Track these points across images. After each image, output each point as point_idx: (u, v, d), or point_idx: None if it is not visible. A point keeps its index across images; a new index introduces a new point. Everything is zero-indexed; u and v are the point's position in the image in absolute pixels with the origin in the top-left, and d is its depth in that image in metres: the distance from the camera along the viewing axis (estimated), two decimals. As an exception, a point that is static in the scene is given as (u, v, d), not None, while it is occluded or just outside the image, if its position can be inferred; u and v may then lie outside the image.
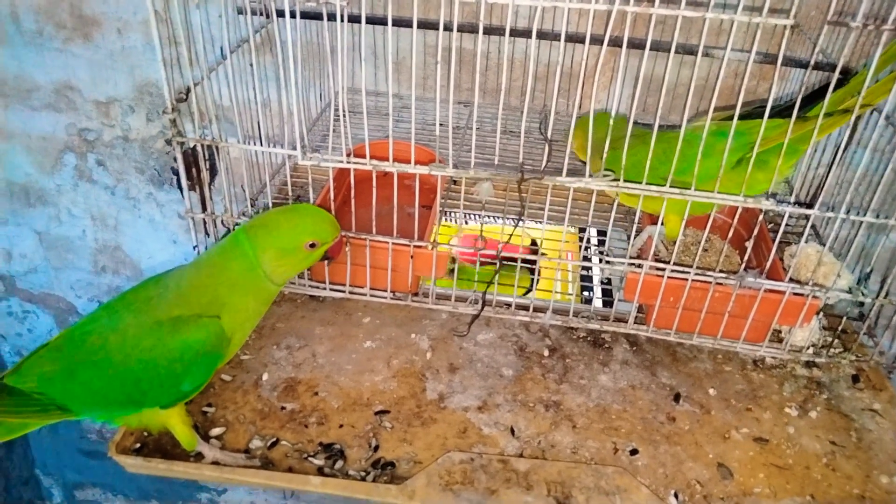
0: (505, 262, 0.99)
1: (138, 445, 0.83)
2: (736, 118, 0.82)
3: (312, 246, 0.82)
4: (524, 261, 0.99)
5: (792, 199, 1.18)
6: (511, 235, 0.95)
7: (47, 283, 1.92)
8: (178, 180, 1.64)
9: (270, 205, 0.98)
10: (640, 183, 0.86)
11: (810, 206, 0.88)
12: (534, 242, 1.22)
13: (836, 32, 1.11)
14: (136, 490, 2.28)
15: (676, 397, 0.93)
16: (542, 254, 1.00)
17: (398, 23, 1.13)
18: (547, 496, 0.78)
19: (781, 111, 0.94)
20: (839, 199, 0.88)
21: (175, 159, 0.95)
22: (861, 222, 0.88)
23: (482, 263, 1.10)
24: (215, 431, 0.85)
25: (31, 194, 1.74)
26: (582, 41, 0.79)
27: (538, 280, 1.06)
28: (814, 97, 0.89)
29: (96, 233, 1.79)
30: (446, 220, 1.18)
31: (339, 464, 0.82)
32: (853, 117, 0.82)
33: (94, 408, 0.77)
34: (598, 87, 1.36)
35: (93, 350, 0.74)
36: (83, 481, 2.31)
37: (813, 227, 1.15)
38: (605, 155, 0.87)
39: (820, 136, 0.91)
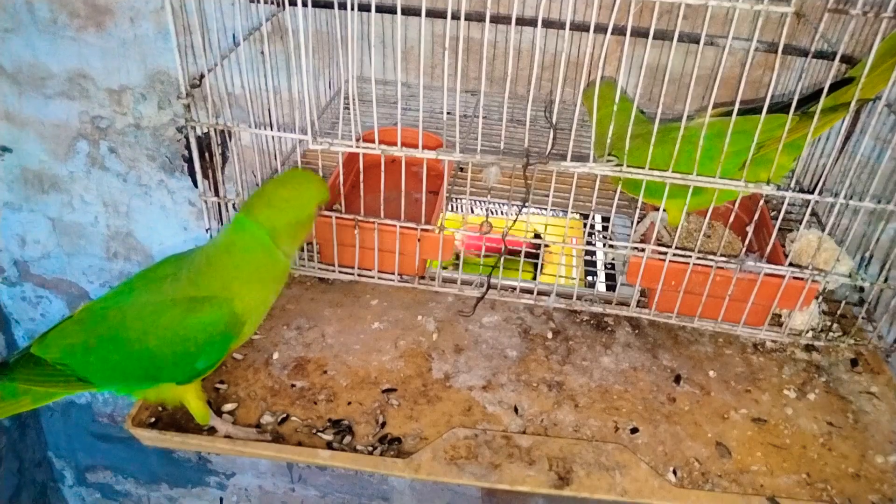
0: (509, 254, 1.01)
1: (153, 419, 0.86)
2: (735, 113, 0.83)
3: (320, 208, 0.86)
4: (528, 252, 1.00)
5: (793, 185, 1.19)
6: (514, 222, 0.97)
7: (60, 269, 1.95)
8: (189, 167, 1.67)
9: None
10: (644, 168, 0.88)
11: (811, 192, 0.90)
12: (537, 235, 1.24)
13: (839, 21, 1.12)
14: (146, 473, 2.31)
15: (677, 379, 0.95)
16: (546, 245, 1.01)
17: (407, 11, 1.15)
18: (548, 471, 0.81)
19: (784, 107, 0.95)
20: (841, 186, 0.89)
21: (188, 145, 0.97)
22: (861, 208, 0.90)
23: (487, 250, 1.12)
24: (228, 407, 0.87)
25: (44, 181, 1.76)
26: (588, 30, 0.81)
27: (541, 269, 1.08)
28: (820, 92, 0.90)
29: (108, 219, 1.82)
30: (452, 206, 1.19)
31: (348, 439, 0.84)
32: (851, 110, 0.83)
33: (113, 381, 0.79)
34: (604, 75, 1.37)
35: (112, 325, 0.77)
36: (95, 464, 2.35)
37: (815, 213, 1.17)
38: (608, 141, 0.89)
39: (817, 133, 0.93)
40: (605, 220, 1.23)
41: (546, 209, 1.13)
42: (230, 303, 0.78)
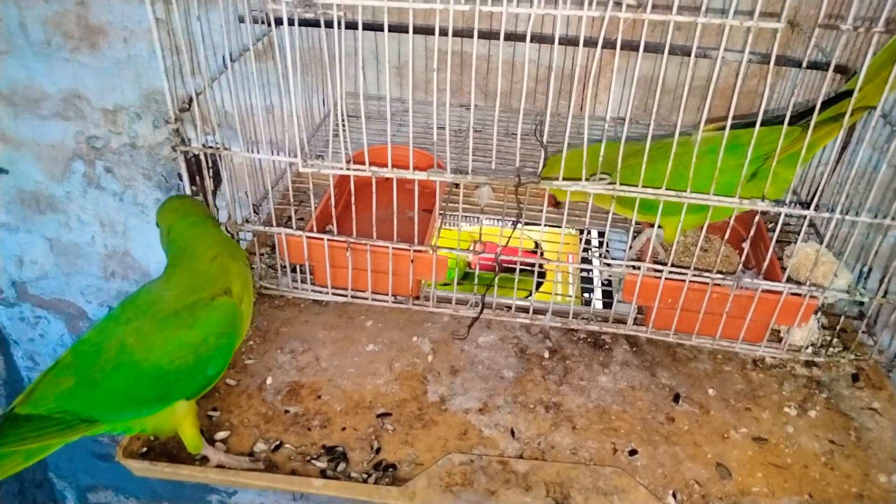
0: (505, 268, 1.00)
1: (145, 449, 0.84)
2: (728, 127, 0.82)
3: None
4: (526, 264, 0.99)
5: (788, 199, 1.18)
6: (509, 239, 0.96)
7: (58, 289, 1.95)
8: (184, 187, 1.67)
9: (272, 211, 1.00)
10: (637, 186, 0.87)
11: (808, 205, 0.88)
12: (536, 245, 1.23)
13: (833, 31, 1.11)
14: (147, 492, 2.31)
15: (676, 398, 0.93)
16: (543, 259, 1.00)
17: (397, 28, 1.14)
18: (546, 497, 0.79)
19: (781, 121, 0.94)
20: (839, 198, 0.88)
21: (180, 167, 0.97)
22: (859, 221, 0.88)
23: (482, 268, 1.11)
24: (220, 435, 0.86)
25: (41, 201, 1.76)
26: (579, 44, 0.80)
27: (540, 283, 1.07)
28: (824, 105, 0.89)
29: (105, 239, 1.81)
30: (447, 223, 1.18)
31: (342, 466, 0.83)
32: (846, 121, 0.82)
33: (123, 412, 0.78)
34: (599, 88, 1.36)
35: (112, 357, 0.76)
36: (96, 484, 2.34)
37: (814, 226, 1.16)
38: (619, 168, 0.88)
39: (823, 143, 0.92)
40: (602, 234, 1.22)
41: (540, 225, 1.11)
42: (229, 298, 0.81)
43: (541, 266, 1.00)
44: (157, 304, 0.79)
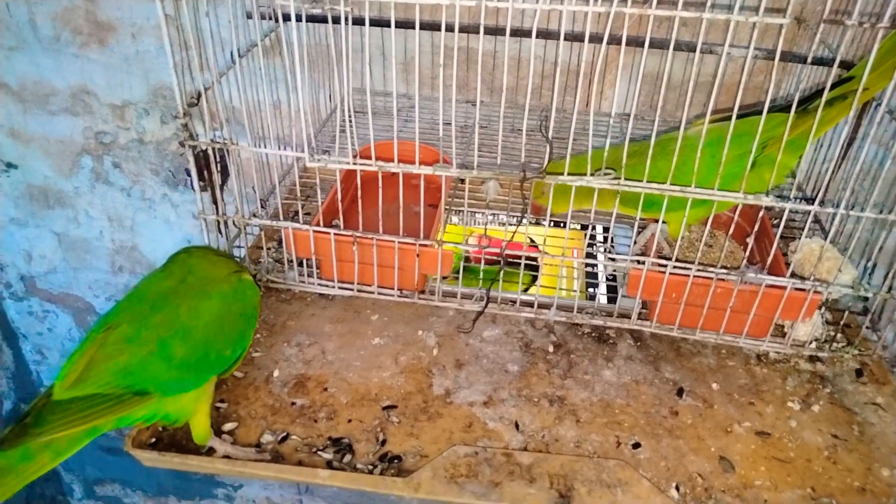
0: (509, 262, 1.00)
1: (153, 440, 0.86)
2: (734, 119, 0.83)
3: None
4: (527, 259, 1.00)
5: (793, 195, 1.18)
6: (514, 233, 0.96)
7: (66, 284, 1.96)
8: (192, 181, 1.68)
9: (280, 205, 1.01)
10: (641, 181, 0.87)
11: (813, 201, 0.89)
12: (532, 242, 1.23)
13: (839, 27, 1.11)
14: (154, 486, 2.32)
15: (679, 392, 0.94)
16: (545, 252, 1.01)
17: (404, 24, 1.14)
18: (549, 489, 0.80)
19: (783, 109, 0.94)
20: (844, 193, 0.88)
21: (188, 162, 0.98)
22: (863, 217, 0.89)
23: (487, 262, 1.11)
24: (228, 426, 0.87)
25: (49, 196, 1.78)
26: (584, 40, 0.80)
27: (539, 277, 1.08)
28: (819, 93, 0.90)
29: (113, 233, 1.83)
30: (454, 218, 1.19)
31: (348, 457, 0.84)
32: (854, 105, 0.82)
33: (178, 380, 0.79)
34: (605, 84, 1.37)
35: (172, 323, 0.79)
36: (103, 477, 2.36)
37: (819, 221, 1.16)
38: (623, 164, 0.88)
39: (824, 129, 0.92)
40: (606, 230, 1.22)
41: (545, 220, 1.12)
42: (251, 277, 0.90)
43: (545, 262, 1.01)
44: (196, 279, 0.85)
